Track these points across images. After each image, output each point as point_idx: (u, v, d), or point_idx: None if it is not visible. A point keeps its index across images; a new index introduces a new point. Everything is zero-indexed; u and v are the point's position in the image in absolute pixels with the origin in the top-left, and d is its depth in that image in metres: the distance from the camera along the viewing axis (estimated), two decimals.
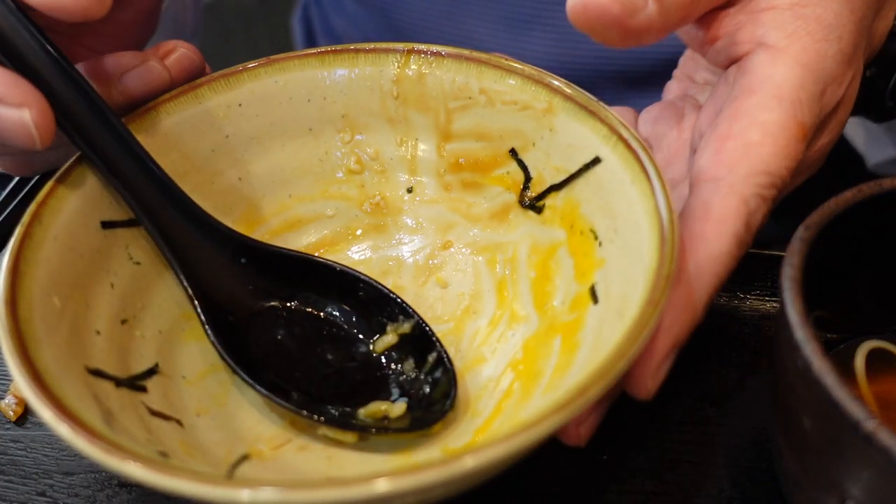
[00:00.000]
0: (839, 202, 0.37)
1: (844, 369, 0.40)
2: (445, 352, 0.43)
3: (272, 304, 0.45)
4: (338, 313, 0.45)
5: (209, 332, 0.43)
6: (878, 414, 0.35)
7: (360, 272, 0.45)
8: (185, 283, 0.43)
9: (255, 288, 0.45)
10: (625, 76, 0.67)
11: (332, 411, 0.41)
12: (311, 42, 0.86)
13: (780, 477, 0.38)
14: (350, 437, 0.41)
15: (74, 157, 0.42)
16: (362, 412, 0.42)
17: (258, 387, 0.41)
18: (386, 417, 0.42)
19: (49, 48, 0.40)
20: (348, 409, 0.42)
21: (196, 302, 0.43)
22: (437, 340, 0.43)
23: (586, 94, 0.44)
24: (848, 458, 0.32)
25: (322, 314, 0.45)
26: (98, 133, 0.41)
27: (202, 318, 0.43)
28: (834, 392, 0.31)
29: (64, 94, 0.41)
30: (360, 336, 0.45)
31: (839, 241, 0.37)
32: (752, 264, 0.49)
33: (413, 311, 0.44)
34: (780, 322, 0.35)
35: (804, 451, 0.35)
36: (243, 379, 0.42)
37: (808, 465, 0.35)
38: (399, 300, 0.45)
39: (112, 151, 0.42)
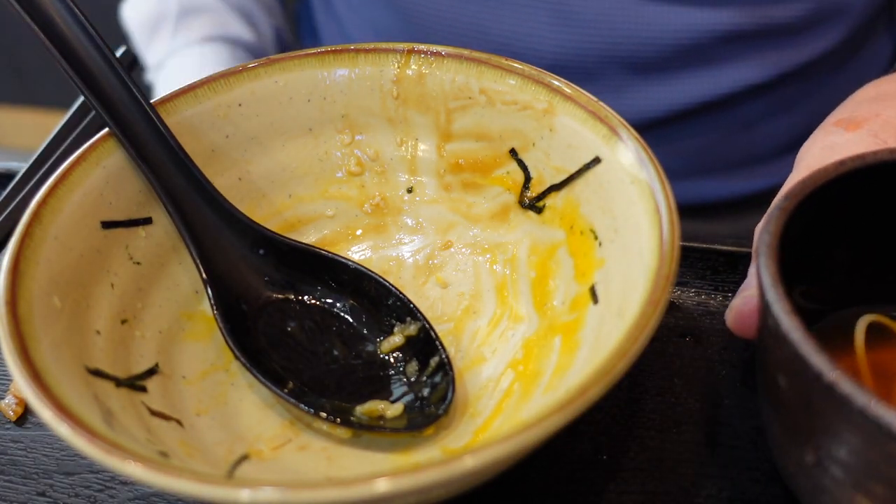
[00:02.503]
0: (820, 175, 0.37)
1: (837, 343, 0.40)
2: (447, 356, 0.43)
3: (286, 295, 0.45)
4: (348, 310, 0.46)
5: (217, 315, 0.43)
6: (872, 386, 0.37)
7: (373, 271, 0.46)
8: (200, 267, 0.43)
9: (270, 279, 0.45)
10: (631, 62, 0.67)
11: (329, 406, 0.42)
12: (312, 33, 0.86)
13: (771, 446, 0.39)
14: (344, 432, 0.41)
15: (74, 156, 0.42)
16: (359, 410, 0.42)
17: (255, 372, 0.42)
18: (382, 417, 0.42)
19: (91, 32, 0.43)
20: (346, 406, 0.42)
21: (208, 286, 0.43)
22: (441, 345, 0.43)
23: (586, 94, 0.44)
24: (816, 410, 0.33)
25: (333, 310, 0.46)
26: (130, 115, 0.43)
27: (212, 301, 0.43)
28: (800, 347, 0.32)
29: (99, 75, 0.43)
30: (368, 335, 0.45)
31: (820, 215, 0.38)
32: None
33: (421, 314, 0.45)
34: (758, 288, 0.35)
35: (783, 411, 0.35)
36: (243, 364, 0.42)
37: (787, 425, 0.35)
38: (409, 303, 0.45)
39: (142, 134, 0.43)
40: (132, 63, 0.62)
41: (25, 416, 0.45)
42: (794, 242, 0.36)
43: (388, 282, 0.45)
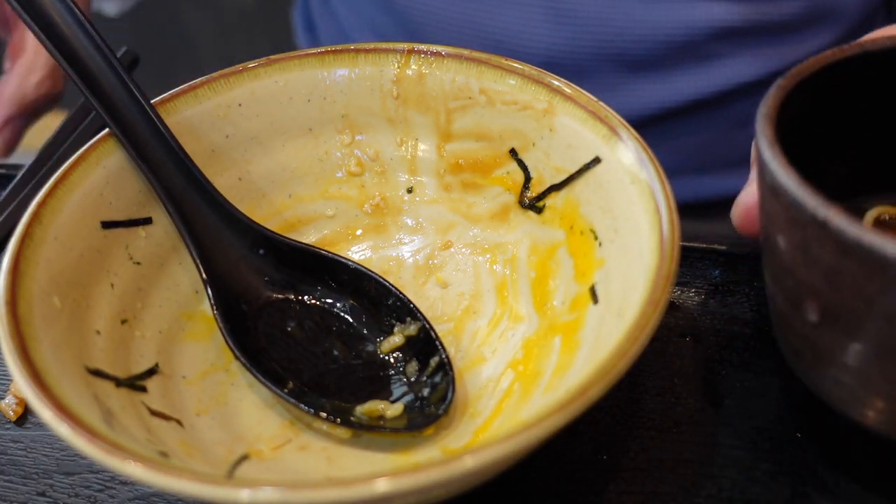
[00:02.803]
0: (818, 59, 0.37)
1: None
2: (447, 356, 0.43)
3: (286, 296, 0.45)
4: (348, 310, 0.46)
5: (217, 315, 0.43)
6: None
7: (373, 271, 0.46)
8: (200, 267, 0.43)
9: (270, 279, 0.45)
10: (625, 60, 0.67)
11: (329, 406, 0.42)
12: (312, 33, 0.86)
13: (775, 328, 0.40)
14: (344, 432, 0.41)
15: (75, 156, 0.42)
16: (359, 410, 0.42)
17: (255, 372, 0.42)
18: (382, 417, 0.42)
19: (91, 32, 0.43)
20: (346, 406, 0.42)
21: (208, 286, 0.43)
22: (441, 345, 0.43)
23: (586, 94, 0.44)
24: (814, 258, 0.33)
25: (333, 310, 0.46)
26: (130, 115, 0.43)
27: (212, 300, 0.43)
28: (796, 193, 0.32)
29: (99, 75, 0.43)
30: (368, 335, 0.45)
31: (819, 103, 0.38)
32: (754, 264, 0.49)
33: (421, 314, 0.45)
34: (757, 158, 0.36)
35: (784, 276, 0.36)
36: (243, 364, 0.42)
37: (788, 289, 0.36)
38: (409, 303, 0.45)
39: (142, 134, 0.43)
40: (132, 63, 0.62)
41: (25, 416, 0.45)
42: (794, 131, 0.36)
43: (388, 282, 0.45)
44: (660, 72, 0.68)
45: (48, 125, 0.63)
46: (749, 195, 0.42)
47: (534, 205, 0.46)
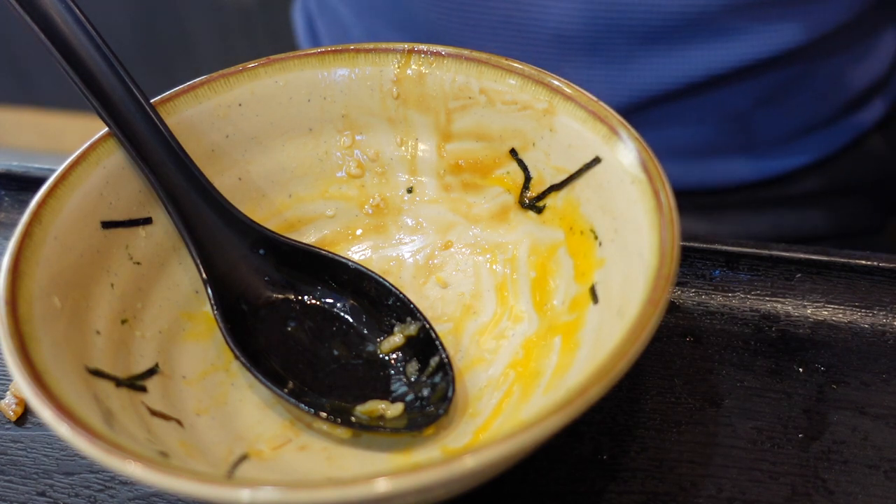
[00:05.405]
0: None
1: None
2: (447, 356, 0.43)
3: (286, 296, 0.45)
4: (348, 310, 0.46)
5: (217, 315, 0.43)
6: None
7: (373, 271, 0.46)
8: (200, 267, 0.43)
9: (270, 279, 0.45)
10: (637, 32, 0.66)
11: (329, 406, 0.42)
12: (312, 32, 0.85)
13: None
14: (344, 432, 0.41)
15: (74, 156, 0.42)
16: (359, 410, 0.42)
17: (255, 372, 0.42)
18: (382, 417, 0.42)
19: (91, 32, 0.43)
20: (346, 406, 0.42)
21: (208, 286, 0.43)
22: (441, 345, 0.43)
23: (587, 93, 0.44)
24: None
25: (333, 310, 0.46)
26: (130, 115, 0.43)
27: (212, 301, 0.43)
28: None
29: (99, 75, 0.43)
30: (368, 335, 0.45)
31: None
32: (753, 263, 0.49)
33: (421, 314, 0.45)
34: None
35: None
36: (243, 364, 0.42)
37: None
38: (409, 303, 0.45)
39: (142, 134, 0.43)
40: None
41: (25, 416, 0.45)
42: None
43: (388, 282, 0.45)
44: (673, 45, 0.66)
45: (48, 125, 0.63)
46: None
47: (534, 205, 0.46)
